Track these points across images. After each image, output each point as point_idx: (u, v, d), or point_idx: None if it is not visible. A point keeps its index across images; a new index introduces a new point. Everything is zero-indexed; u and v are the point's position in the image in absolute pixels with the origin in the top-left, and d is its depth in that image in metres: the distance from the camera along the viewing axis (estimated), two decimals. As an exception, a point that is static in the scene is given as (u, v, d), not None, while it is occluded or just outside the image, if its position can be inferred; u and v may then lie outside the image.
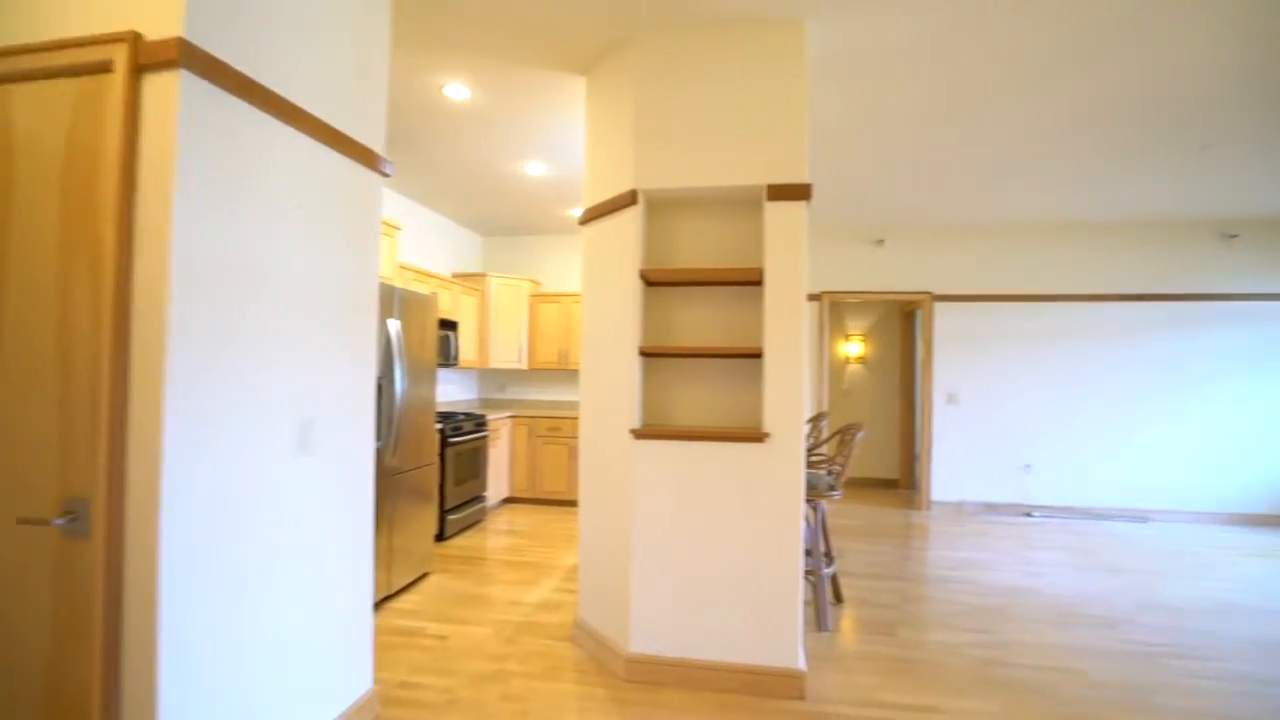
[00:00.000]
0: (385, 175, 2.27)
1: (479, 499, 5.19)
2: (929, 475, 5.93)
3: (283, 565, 1.78)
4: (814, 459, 3.62)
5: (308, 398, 1.87)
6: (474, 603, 3.49)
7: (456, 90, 3.28)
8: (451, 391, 6.12)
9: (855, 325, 7.20)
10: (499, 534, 4.94)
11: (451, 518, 4.71)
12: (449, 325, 5.28)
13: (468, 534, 4.90)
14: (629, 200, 2.68)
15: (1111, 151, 3.99)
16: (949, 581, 3.98)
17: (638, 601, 2.62)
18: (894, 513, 5.89)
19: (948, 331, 5.93)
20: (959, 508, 5.87)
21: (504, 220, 6.07)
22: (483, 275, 6.01)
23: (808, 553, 3.22)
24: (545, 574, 3.98)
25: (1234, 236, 5.61)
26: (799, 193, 2.53)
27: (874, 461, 7.15)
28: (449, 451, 4.66)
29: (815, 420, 4.35)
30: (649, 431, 2.61)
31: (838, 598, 3.53)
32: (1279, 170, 4.25)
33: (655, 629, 2.61)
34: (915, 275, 6.01)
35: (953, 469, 5.89)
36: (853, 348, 7.14)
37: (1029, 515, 5.73)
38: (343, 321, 2.04)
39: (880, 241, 6.05)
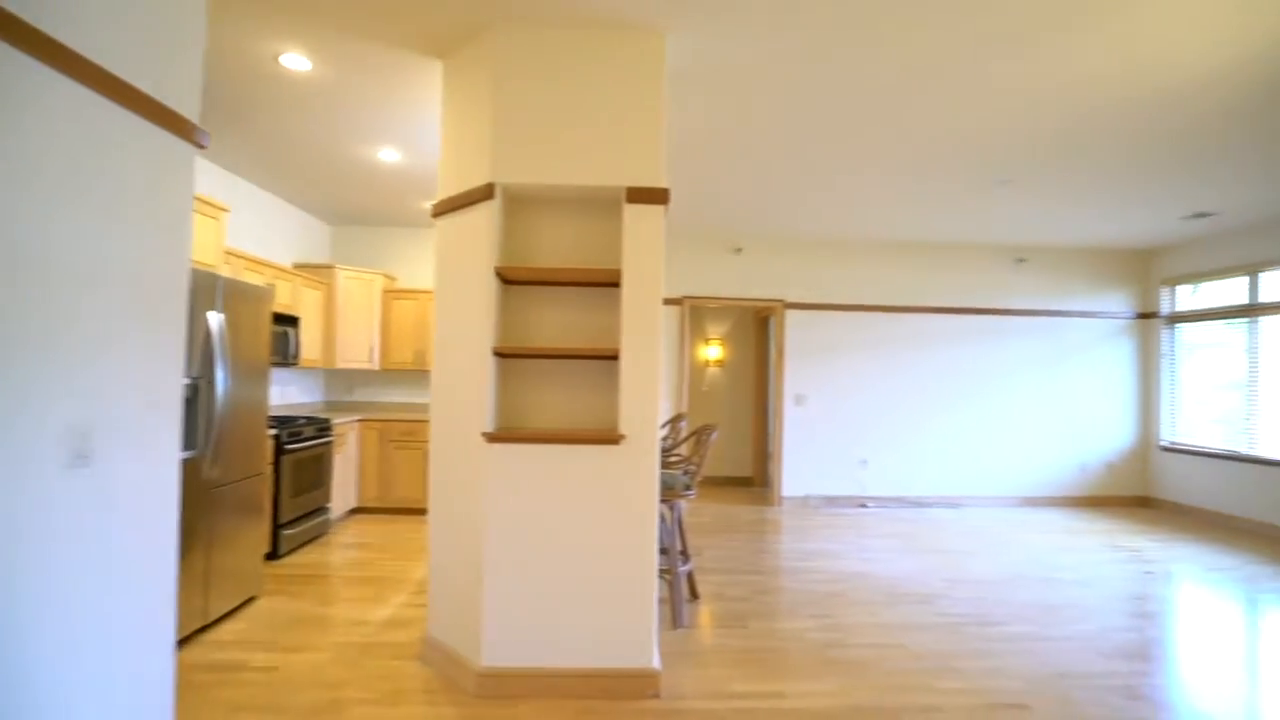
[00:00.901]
0: (200, 146, 1.99)
1: (321, 511, 4.76)
2: (779, 472, 6.32)
3: (51, 609, 1.48)
4: (671, 459, 3.71)
5: (88, 400, 1.58)
6: (311, 625, 3.18)
7: (295, 61, 2.98)
8: (291, 394, 5.57)
9: (715, 329, 7.52)
10: (345, 548, 4.56)
11: (287, 533, 4.27)
12: (288, 320, 4.80)
13: (307, 550, 4.47)
14: (485, 194, 2.57)
15: (928, 181, 4.49)
16: (797, 571, 4.25)
17: (490, 612, 2.52)
18: (748, 509, 6.20)
19: (798, 337, 6.37)
20: (805, 502, 6.31)
21: (355, 209, 5.63)
22: (330, 267, 5.54)
23: (663, 551, 3.28)
24: (394, 589, 3.73)
25: (1023, 260, 6.55)
26: (657, 196, 2.57)
27: (730, 460, 7.50)
28: (285, 460, 4.23)
29: (674, 421, 4.47)
30: (503, 435, 2.52)
31: (693, 594, 3.63)
32: (1055, 206, 5.01)
33: (509, 640, 2.52)
34: (770, 283, 6.39)
35: (800, 466, 6.33)
36: (712, 351, 7.45)
37: (864, 506, 6.29)
38: (140, 311, 1.75)
39: (739, 250, 6.36)
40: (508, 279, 2.68)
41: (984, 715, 2.46)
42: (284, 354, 4.70)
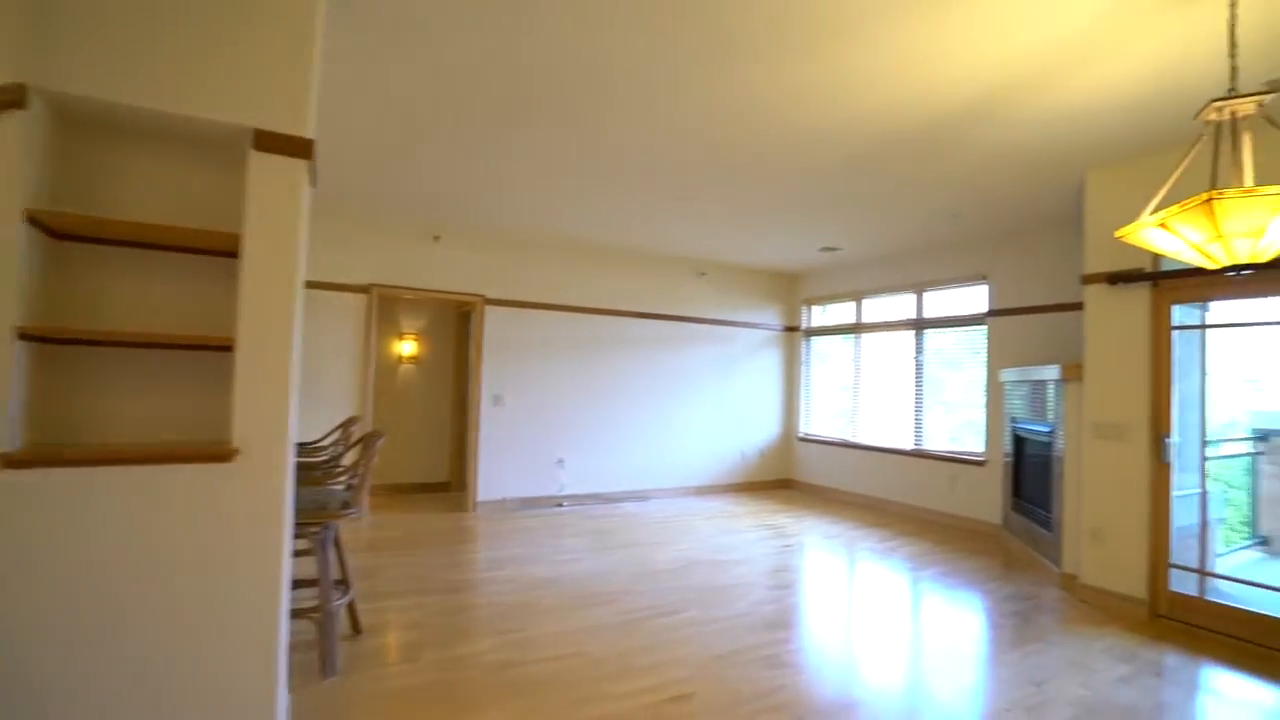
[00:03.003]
0: None
1: None
2: (475, 475, 5.98)
3: None
4: (333, 470, 3.11)
5: None
6: None
7: None
8: None
9: (411, 323, 6.86)
10: None
11: None
12: None
13: None
14: (12, 98, 1.74)
15: (614, 189, 4.62)
16: (487, 583, 3.97)
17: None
18: (441, 517, 5.74)
19: (497, 335, 6.12)
20: (503, 505, 6.09)
21: None
22: None
23: (309, 584, 2.70)
24: None
25: (704, 274, 7.32)
26: (297, 148, 2.03)
27: (426, 465, 6.92)
28: None
29: (346, 426, 3.82)
30: (35, 456, 1.72)
31: (355, 629, 3.09)
32: (725, 228, 5.63)
33: (36, 754, 1.72)
34: (470, 277, 6.02)
35: (497, 468, 6.09)
36: (407, 347, 6.77)
37: (560, 506, 6.32)
38: None
39: (437, 238, 5.86)
40: (56, 230, 1.86)
41: (653, 714, 2.48)
42: None
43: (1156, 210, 2.13)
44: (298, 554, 2.97)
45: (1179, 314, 3.69)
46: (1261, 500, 5.10)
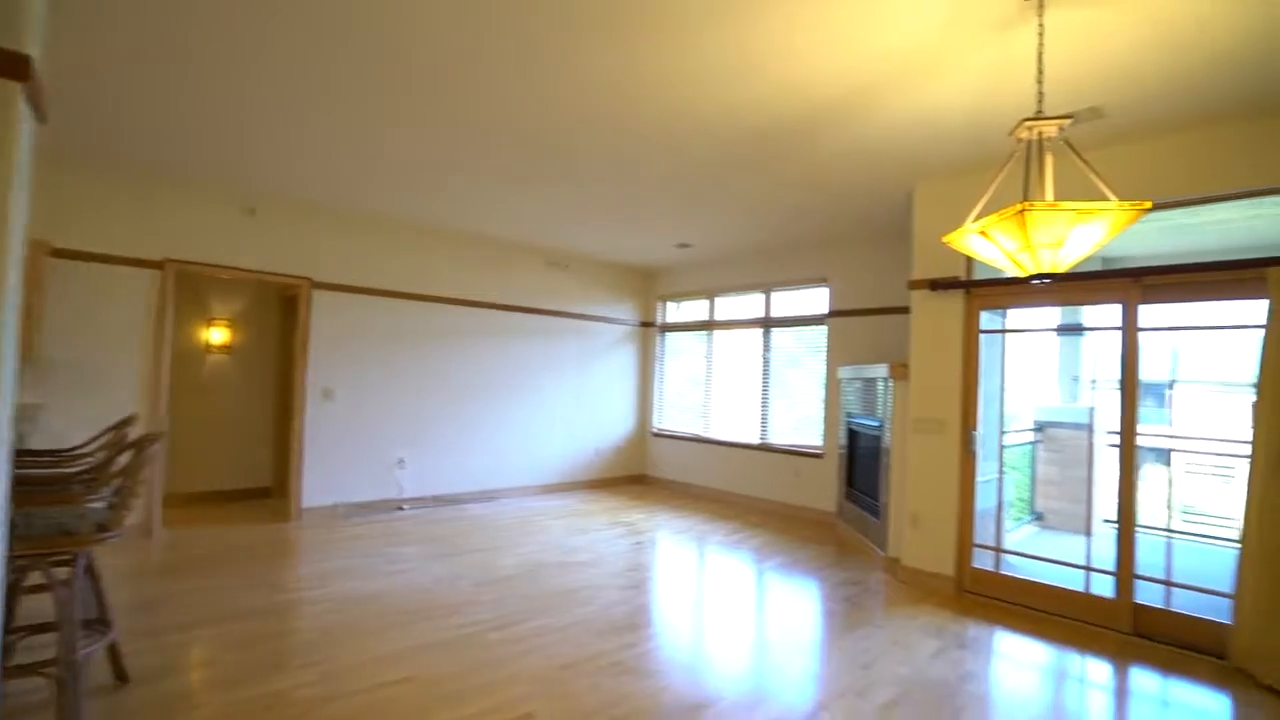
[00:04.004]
0: None
1: None
2: (299, 479, 5.32)
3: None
4: (94, 482, 2.51)
5: None
6: None
7: None
8: None
9: (223, 307, 5.95)
10: None
11: None
12: None
13: None
14: None
15: (458, 171, 4.28)
16: (303, 604, 3.48)
17: None
18: (256, 529, 5.02)
19: (328, 323, 5.47)
20: (333, 511, 5.47)
21: None
22: None
23: (50, 628, 2.15)
24: None
25: (565, 267, 7.11)
26: (11, 66, 1.54)
27: (243, 469, 6.06)
28: None
29: (119, 427, 3.14)
30: None
31: (120, 677, 2.53)
32: (584, 217, 5.47)
33: None
34: (295, 257, 5.32)
35: (327, 470, 5.46)
36: (218, 334, 5.87)
37: (400, 509, 5.82)
38: None
39: (252, 210, 5.10)
40: None
41: (487, 742, 2.25)
42: None
43: (978, 219, 2.27)
44: (35, 590, 2.38)
45: (986, 319, 4.11)
46: (1039, 482, 5.92)
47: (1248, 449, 3.09)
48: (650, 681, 2.75)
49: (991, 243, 2.22)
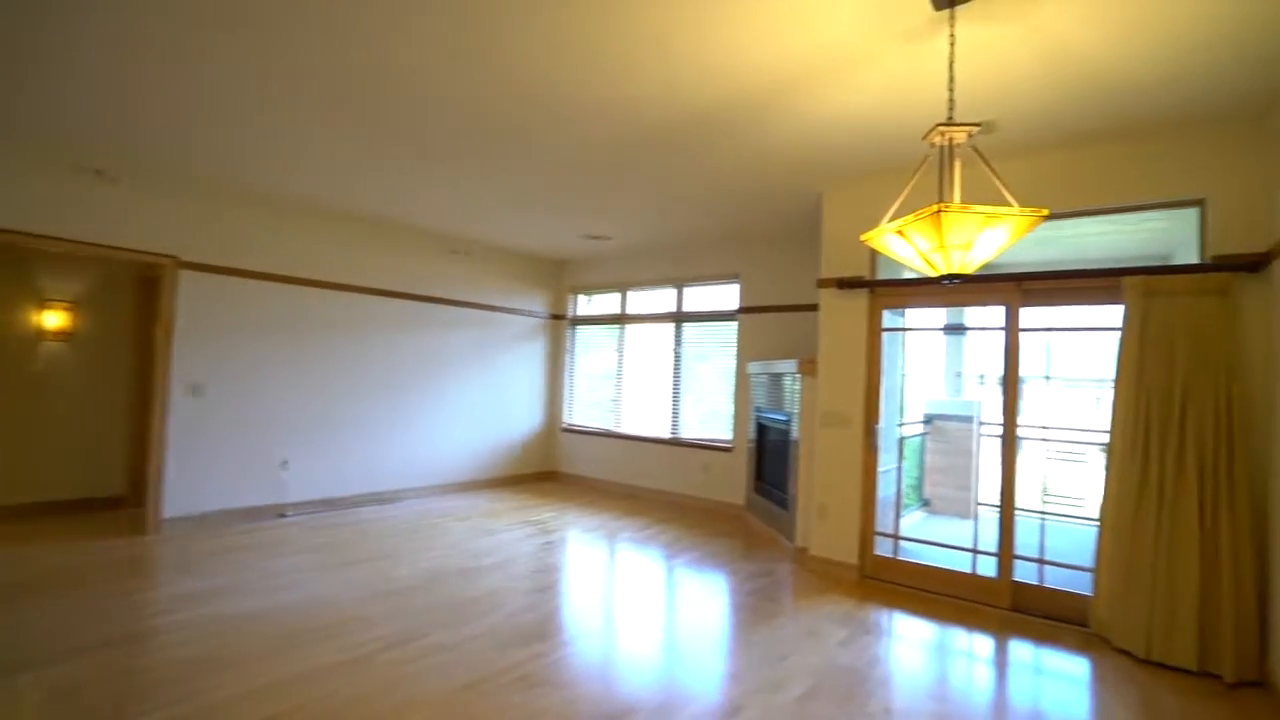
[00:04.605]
0: None
1: None
2: (160, 486, 4.70)
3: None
4: None
5: None
6: None
7: None
8: None
9: (60, 288, 5.15)
10: None
11: None
12: None
13: None
14: None
15: (353, 149, 3.91)
16: (161, 632, 3.04)
17: None
18: (106, 544, 4.39)
19: (198, 308, 4.85)
20: (201, 522, 4.88)
21: None
22: None
23: None
24: None
25: (464, 253, 6.74)
26: None
27: (86, 475, 5.29)
28: None
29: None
30: None
31: (-90, 739, 2.07)
32: (490, 205, 5.18)
33: None
34: (157, 231, 4.67)
35: (195, 475, 4.86)
36: (53, 318, 5.07)
37: (284, 516, 5.30)
38: None
39: (101, 173, 4.42)
40: None
41: (381, 779, 2.02)
42: None
43: (893, 219, 2.29)
44: None
45: (888, 318, 4.26)
46: (927, 471, 6.30)
47: (1093, 436, 3.37)
48: (562, 693, 2.61)
49: (908, 242, 2.24)
